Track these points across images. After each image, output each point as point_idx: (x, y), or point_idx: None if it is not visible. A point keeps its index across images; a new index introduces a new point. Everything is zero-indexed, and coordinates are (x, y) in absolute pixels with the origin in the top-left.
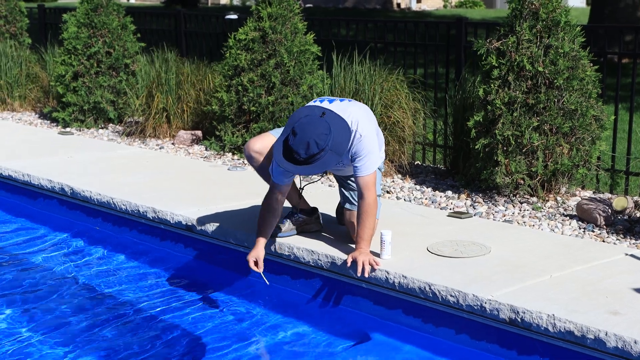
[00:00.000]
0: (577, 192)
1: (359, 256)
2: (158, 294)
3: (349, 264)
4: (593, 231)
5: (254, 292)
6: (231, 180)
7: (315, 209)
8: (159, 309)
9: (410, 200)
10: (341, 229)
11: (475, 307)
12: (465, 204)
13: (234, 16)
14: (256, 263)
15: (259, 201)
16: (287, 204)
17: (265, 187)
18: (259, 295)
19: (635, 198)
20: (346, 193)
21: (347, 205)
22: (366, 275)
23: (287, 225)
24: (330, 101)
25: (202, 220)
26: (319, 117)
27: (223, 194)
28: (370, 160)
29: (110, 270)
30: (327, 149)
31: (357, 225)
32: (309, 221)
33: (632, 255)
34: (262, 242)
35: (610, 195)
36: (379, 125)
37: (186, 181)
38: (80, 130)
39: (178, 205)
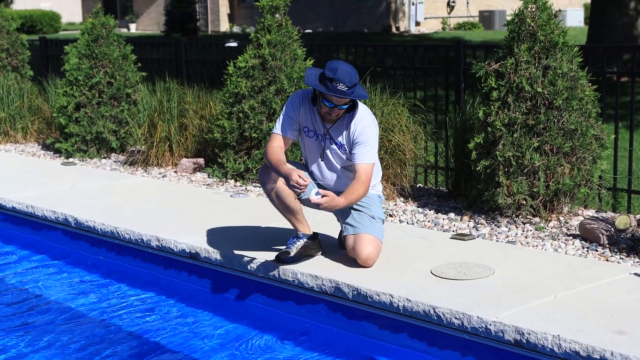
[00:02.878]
0: (580, 212)
1: (330, 198)
2: (163, 323)
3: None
4: (596, 250)
5: (258, 318)
6: (234, 207)
7: (316, 234)
8: (164, 338)
9: (412, 223)
10: (343, 253)
11: (480, 329)
12: (468, 225)
13: (234, 44)
14: (301, 177)
15: (262, 227)
16: (289, 226)
17: (268, 213)
18: (265, 322)
19: (638, 216)
20: (343, 221)
21: (346, 232)
22: (312, 199)
23: (295, 250)
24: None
25: (206, 247)
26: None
27: (226, 221)
28: (370, 152)
29: (113, 300)
30: (358, 85)
31: (346, 189)
32: (313, 245)
33: (636, 274)
34: (291, 168)
35: (612, 214)
36: (380, 149)
37: (189, 209)
38: (83, 161)
39: (181, 234)
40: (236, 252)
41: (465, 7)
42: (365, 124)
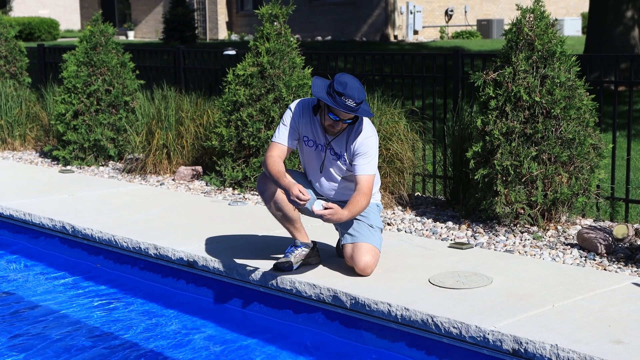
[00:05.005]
0: (578, 221)
1: (335, 210)
2: (160, 331)
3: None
4: (594, 260)
5: (256, 327)
6: (232, 215)
7: (314, 243)
8: (161, 346)
9: (411, 232)
10: (341, 261)
11: (478, 338)
12: (466, 234)
13: (232, 52)
14: (302, 192)
15: (260, 235)
16: (287, 234)
17: (266, 221)
18: (262, 330)
19: (636, 226)
20: (341, 229)
21: (344, 240)
22: (315, 210)
23: (293, 259)
24: None
25: (204, 256)
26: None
27: (224, 229)
28: (371, 163)
29: (111, 308)
30: (365, 102)
31: (349, 202)
32: (311, 254)
33: (635, 284)
34: (292, 181)
35: (610, 224)
36: (378, 158)
37: (187, 217)
38: (80, 168)
39: (179, 242)
40: (234, 260)
41: (463, 16)
42: (366, 135)
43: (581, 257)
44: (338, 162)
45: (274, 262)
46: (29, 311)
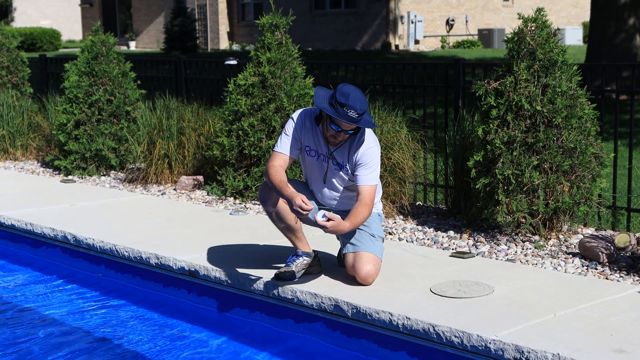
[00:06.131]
0: (579, 230)
1: (337, 222)
2: (161, 341)
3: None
4: (596, 269)
5: (257, 336)
6: (233, 224)
7: (315, 252)
8: (161, 356)
9: (412, 241)
10: (342, 271)
11: (480, 348)
12: (467, 243)
13: (234, 62)
14: (304, 202)
15: (261, 244)
16: (288, 244)
17: (268, 231)
18: (263, 339)
19: (638, 235)
20: (343, 239)
21: (346, 250)
22: (318, 221)
23: (294, 268)
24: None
25: (205, 265)
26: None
27: (225, 239)
28: (373, 173)
29: (112, 318)
30: (367, 112)
31: (350, 213)
32: (313, 263)
33: (639, 292)
34: (295, 191)
35: (612, 232)
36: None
37: (188, 227)
38: (82, 178)
39: (181, 251)
40: (235, 270)
41: (465, 26)
42: (368, 146)
43: (583, 266)
44: (340, 172)
45: (276, 271)
46: (30, 320)
